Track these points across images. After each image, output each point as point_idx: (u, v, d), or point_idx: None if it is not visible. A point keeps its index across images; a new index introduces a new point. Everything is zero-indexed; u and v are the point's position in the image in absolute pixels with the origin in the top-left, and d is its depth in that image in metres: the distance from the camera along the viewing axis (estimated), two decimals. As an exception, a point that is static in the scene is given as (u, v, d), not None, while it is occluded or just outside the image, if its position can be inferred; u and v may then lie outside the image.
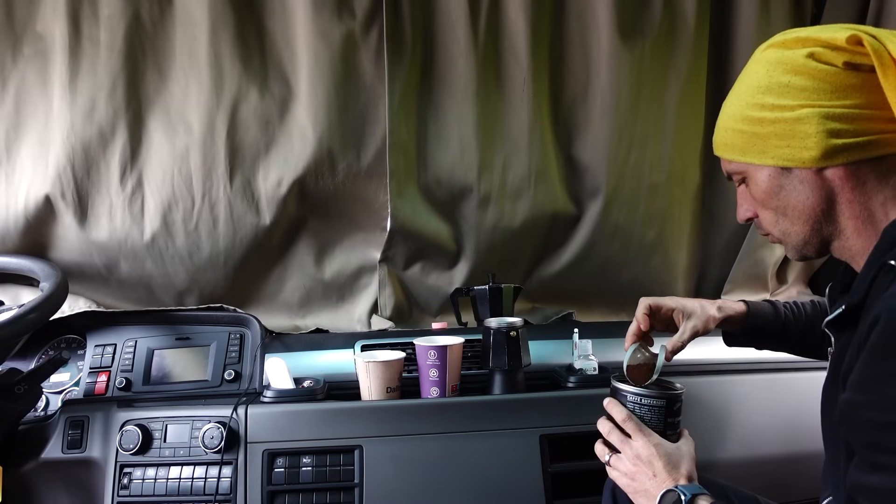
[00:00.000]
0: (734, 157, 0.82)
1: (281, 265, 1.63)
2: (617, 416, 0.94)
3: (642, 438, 0.91)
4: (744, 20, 1.65)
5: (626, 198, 1.68)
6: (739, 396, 1.39)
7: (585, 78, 1.63)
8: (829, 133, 0.73)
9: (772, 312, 1.08)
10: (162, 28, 1.46)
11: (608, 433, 0.94)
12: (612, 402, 0.96)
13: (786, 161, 0.76)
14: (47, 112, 1.44)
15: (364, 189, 1.58)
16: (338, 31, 1.48)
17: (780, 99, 0.75)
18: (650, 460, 0.89)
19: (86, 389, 1.35)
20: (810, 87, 0.74)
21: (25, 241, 1.48)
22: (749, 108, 0.78)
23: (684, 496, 0.84)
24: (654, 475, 0.88)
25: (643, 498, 0.89)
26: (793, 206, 0.79)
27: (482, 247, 1.66)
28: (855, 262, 0.79)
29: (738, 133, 0.80)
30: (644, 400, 0.93)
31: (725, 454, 1.36)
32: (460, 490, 1.16)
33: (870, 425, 0.63)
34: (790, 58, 0.75)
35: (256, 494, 1.14)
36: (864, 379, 0.64)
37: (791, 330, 1.07)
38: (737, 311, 1.06)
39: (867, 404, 0.63)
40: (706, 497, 0.85)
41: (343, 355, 1.37)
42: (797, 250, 0.82)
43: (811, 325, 1.07)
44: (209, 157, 1.48)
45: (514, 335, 1.27)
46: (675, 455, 0.90)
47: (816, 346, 1.06)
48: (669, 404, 0.93)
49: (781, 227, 0.82)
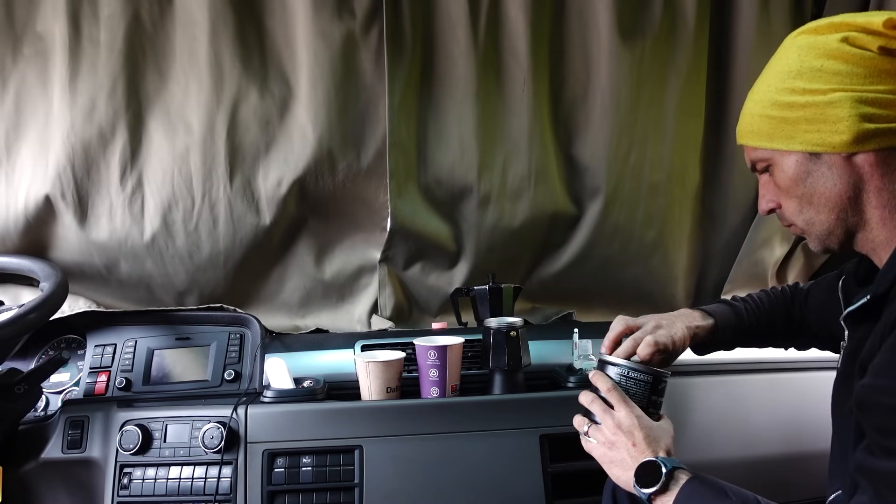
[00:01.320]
0: (760, 143, 0.80)
1: (281, 265, 1.63)
2: (602, 385, 0.93)
3: (625, 409, 0.90)
4: (744, 20, 1.65)
5: (626, 198, 1.68)
6: (739, 396, 1.39)
7: (585, 78, 1.63)
8: (861, 117, 0.71)
9: (735, 321, 1.07)
10: (162, 28, 1.45)
11: (590, 402, 0.94)
12: (597, 373, 0.96)
13: (815, 146, 0.75)
14: (47, 112, 1.44)
15: (364, 189, 1.58)
16: (338, 31, 1.48)
17: (811, 83, 0.74)
18: (631, 430, 0.88)
19: (86, 389, 1.35)
20: (844, 70, 0.72)
21: (25, 241, 1.48)
22: (778, 93, 0.76)
23: (665, 466, 0.83)
24: (634, 445, 0.88)
25: (618, 468, 0.89)
26: (819, 193, 0.77)
27: (482, 247, 1.65)
28: (876, 254, 0.78)
29: (765, 119, 0.78)
30: (631, 373, 0.93)
31: (725, 454, 1.36)
32: (460, 490, 1.16)
33: (885, 409, 0.62)
34: (823, 42, 0.73)
35: (256, 494, 1.14)
36: (885, 364, 0.63)
37: (754, 329, 1.08)
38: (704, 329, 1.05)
39: (886, 389, 0.62)
40: (686, 471, 0.84)
41: (343, 355, 1.37)
42: (820, 241, 0.80)
43: (770, 318, 1.08)
44: (209, 157, 1.48)
45: (514, 335, 1.27)
46: (656, 430, 0.90)
47: (777, 335, 1.09)
48: (655, 382, 0.93)
49: (806, 217, 0.80)
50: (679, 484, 0.82)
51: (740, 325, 1.07)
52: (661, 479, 0.82)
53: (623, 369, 0.94)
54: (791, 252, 1.82)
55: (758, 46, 1.63)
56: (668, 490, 0.82)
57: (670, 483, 0.82)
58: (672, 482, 0.82)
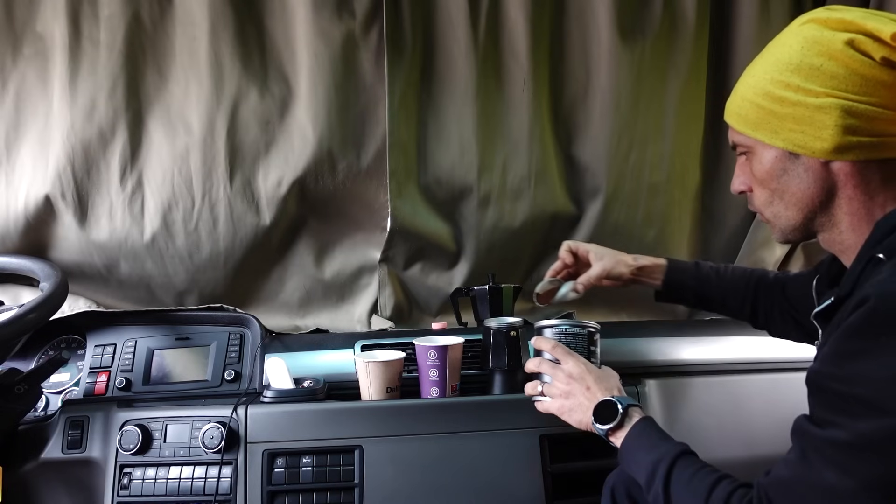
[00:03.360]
0: (745, 129, 0.81)
1: (281, 265, 1.63)
2: (545, 345, 1.03)
3: (572, 359, 1.00)
4: (744, 20, 1.65)
5: (626, 198, 1.68)
6: (739, 396, 1.39)
7: (585, 78, 1.63)
8: (846, 128, 0.72)
9: (693, 271, 1.15)
10: (162, 28, 1.46)
11: (538, 364, 1.03)
12: (538, 338, 1.05)
13: (796, 147, 0.76)
14: (47, 112, 1.44)
15: (364, 189, 1.58)
16: (338, 31, 1.48)
17: (807, 82, 0.74)
18: (582, 376, 0.98)
19: (86, 389, 1.35)
20: (841, 75, 0.72)
21: (25, 241, 1.48)
22: (772, 84, 0.77)
23: (620, 404, 0.92)
24: (588, 388, 0.96)
25: (578, 413, 0.97)
26: (792, 192, 0.79)
27: (482, 247, 1.65)
28: (845, 256, 0.80)
29: (754, 106, 0.79)
30: (568, 330, 1.05)
31: (725, 454, 1.35)
32: (460, 490, 1.16)
33: (832, 393, 0.66)
34: (829, 40, 0.73)
35: (256, 494, 1.14)
36: (834, 353, 0.66)
37: (711, 292, 1.14)
38: (654, 263, 1.16)
39: (834, 376, 0.66)
40: (639, 409, 0.93)
41: (343, 355, 1.37)
42: (784, 234, 0.83)
43: (734, 290, 1.13)
44: (209, 157, 1.48)
45: (514, 335, 1.27)
46: (603, 373, 1.00)
47: (738, 309, 1.14)
48: (590, 335, 1.06)
49: (774, 210, 0.82)
50: (633, 421, 0.91)
51: (696, 276, 1.14)
52: (618, 416, 0.91)
53: (559, 328, 1.05)
54: (791, 252, 1.82)
55: (758, 46, 1.63)
56: (623, 426, 0.91)
57: (625, 420, 0.91)
58: (626, 419, 0.92)
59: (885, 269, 0.67)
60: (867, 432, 0.62)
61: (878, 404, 0.62)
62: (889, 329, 0.62)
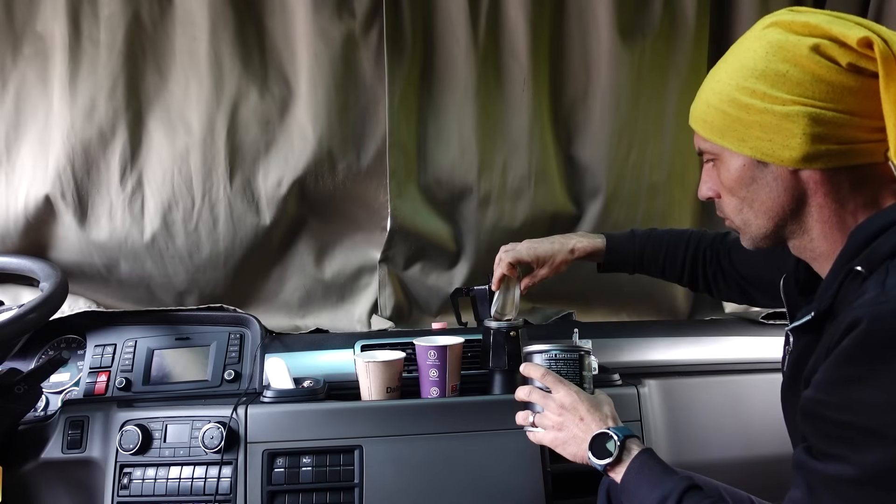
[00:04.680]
0: (711, 136, 0.79)
1: (281, 265, 1.63)
2: (535, 373, 0.98)
3: (563, 388, 0.95)
4: (744, 20, 1.65)
5: (626, 198, 1.68)
6: (739, 396, 1.39)
7: (585, 78, 1.63)
8: (813, 137, 0.70)
9: (628, 242, 1.19)
10: (162, 28, 1.45)
11: (528, 394, 0.98)
12: (527, 365, 1.00)
13: (764, 155, 0.74)
14: (47, 112, 1.44)
15: (364, 189, 1.58)
16: (338, 31, 1.48)
17: (772, 89, 0.72)
18: (574, 406, 0.93)
19: (86, 389, 1.34)
20: (807, 81, 0.70)
21: (25, 241, 1.48)
22: (738, 91, 0.74)
23: (617, 437, 0.88)
24: (581, 419, 0.92)
25: (572, 445, 0.92)
26: (761, 200, 0.77)
27: (482, 247, 1.65)
28: (817, 264, 0.79)
29: (720, 113, 0.76)
30: (558, 355, 0.99)
31: (725, 454, 1.36)
32: (460, 490, 1.16)
33: (829, 422, 0.65)
34: (794, 45, 0.71)
35: (256, 494, 1.14)
36: (828, 380, 0.65)
37: (650, 261, 1.18)
38: (595, 248, 1.20)
39: (829, 404, 0.64)
40: (637, 441, 0.89)
41: (343, 355, 1.37)
42: (753, 241, 0.82)
43: (672, 256, 1.17)
44: (209, 157, 1.48)
45: (514, 335, 1.27)
46: (595, 400, 0.95)
47: (678, 274, 1.18)
48: (581, 358, 1.00)
49: (743, 217, 0.81)
50: (631, 455, 0.87)
51: (633, 251, 1.18)
52: (615, 450, 0.87)
53: (549, 353, 0.99)
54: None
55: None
56: (622, 461, 0.87)
57: (623, 454, 0.87)
58: (625, 452, 0.88)
59: (869, 286, 0.66)
60: (871, 464, 0.61)
61: (879, 432, 0.60)
62: (884, 353, 0.61)
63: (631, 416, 1.24)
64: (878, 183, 0.73)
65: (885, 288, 0.63)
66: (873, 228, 0.70)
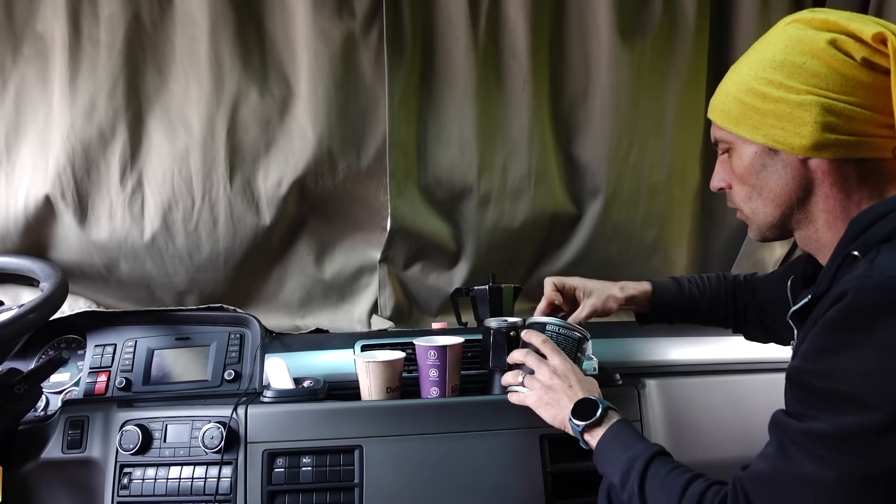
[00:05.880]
0: (727, 125, 0.82)
1: (281, 265, 1.63)
2: (535, 339, 1.04)
3: (559, 357, 1.01)
4: (744, 20, 1.65)
5: (626, 198, 1.68)
6: (739, 396, 1.39)
7: (585, 78, 1.63)
8: (824, 126, 0.73)
9: (676, 289, 1.16)
10: (162, 28, 1.45)
11: (524, 356, 1.03)
12: (530, 331, 1.06)
13: (776, 142, 0.77)
14: (47, 112, 1.44)
15: (364, 189, 1.58)
16: (338, 31, 1.48)
17: (789, 79, 0.75)
18: (567, 374, 0.98)
19: (86, 389, 1.35)
20: (822, 73, 0.73)
21: (25, 241, 1.48)
22: (756, 81, 0.78)
23: (601, 404, 0.93)
24: (570, 387, 0.97)
25: (555, 408, 0.97)
26: (770, 188, 0.80)
27: (482, 247, 1.65)
28: (821, 255, 0.81)
29: (738, 102, 0.80)
30: (562, 330, 1.05)
31: (725, 454, 1.36)
32: (460, 490, 1.16)
33: (813, 389, 0.66)
34: (812, 39, 0.75)
35: (256, 494, 1.14)
36: (814, 349, 0.67)
37: (697, 305, 1.15)
38: (641, 291, 1.15)
39: (814, 372, 0.66)
40: (618, 413, 0.94)
41: (343, 355, 1.37)
42: (761, 231, 0.84)
43: (716, 298, 1.15)
44: (209, 157, 1.48)
45: (514, 335, 1.26)
46: (587, 379, 1.01)
47: (722, 316, 1.16)
48: (581, 340, 1.07)
49: (752, 206, 0.83)
50: (611, 421, 0.92)
51: (681, 294, 1.15)
52: (598, 413, 0.92)
53: (554, 327, 1.05)
54: (791, 252, 1.82)
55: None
56: (600, 424, 0.92)
57: (604, 419, 0.92)
58: (605, 418, 0.92)
59: (860, 265, 0.68)
60: (848, 425, 0.62)
61: (860, 399, 0.62)
62: (867, 323, 0.62)
63: (631, 415, 1.24)
64: (884, 178, 0.75)
65: (873, 264, 0.66)
66: (872, 216, 0.72)
